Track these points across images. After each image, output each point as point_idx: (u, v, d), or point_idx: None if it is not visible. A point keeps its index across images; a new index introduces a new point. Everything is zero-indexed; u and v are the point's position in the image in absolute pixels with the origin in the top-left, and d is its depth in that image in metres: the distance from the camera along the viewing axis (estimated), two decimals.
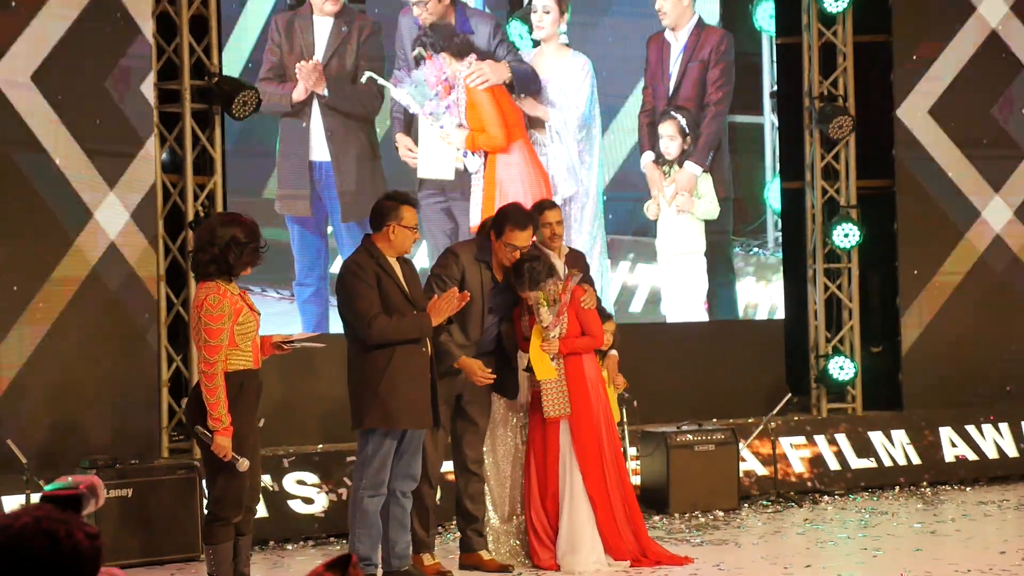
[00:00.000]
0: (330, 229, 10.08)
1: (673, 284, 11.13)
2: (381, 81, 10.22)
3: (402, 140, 10.30)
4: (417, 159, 10.31)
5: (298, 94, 9.98)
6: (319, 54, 10.04)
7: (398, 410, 7.08)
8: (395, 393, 7.06)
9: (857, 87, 11.54)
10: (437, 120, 10.37)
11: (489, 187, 10.42)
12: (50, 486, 4.87)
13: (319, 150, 10.06)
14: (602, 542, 7.76)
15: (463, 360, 7.49)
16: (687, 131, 11.11)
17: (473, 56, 10.39)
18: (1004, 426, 11.14)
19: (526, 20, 10.70)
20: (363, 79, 10.16)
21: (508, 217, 7.69)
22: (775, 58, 11.57)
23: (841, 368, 11.28)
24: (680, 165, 11.12)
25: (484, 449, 7.88)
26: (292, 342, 6.94)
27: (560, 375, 7.72)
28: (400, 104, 10.29)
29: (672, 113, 11.10)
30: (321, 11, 10.09)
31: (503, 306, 7.75)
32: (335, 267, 9.47)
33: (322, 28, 10.10)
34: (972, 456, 10.97)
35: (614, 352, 8.43)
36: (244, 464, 6.54)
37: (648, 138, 11.10)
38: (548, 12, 10.70)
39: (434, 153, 10.37)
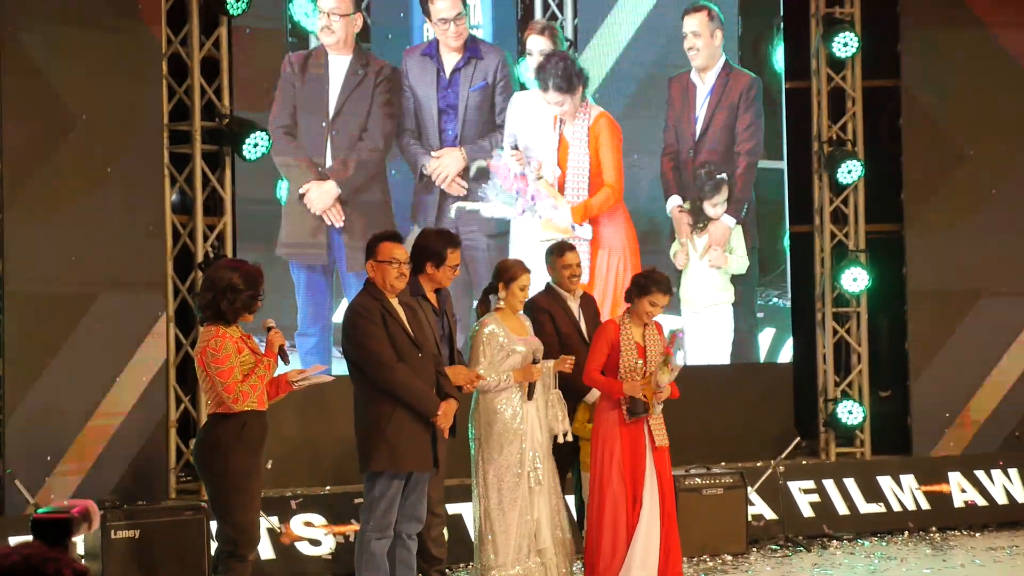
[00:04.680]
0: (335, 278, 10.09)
1: (698, 334, 11.13)
2: (469, 207, 10.40)
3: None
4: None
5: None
6: (333, 95, 10.07)
7: (405, 453, 7.06)
8: (401, 436, 7.05)
9: (866, 132, 11.56)
10: (534, 214, 10.55)
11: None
12: (42, 510, 4.88)
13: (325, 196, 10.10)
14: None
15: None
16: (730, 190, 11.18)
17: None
18: (1013, 471, 11.11)
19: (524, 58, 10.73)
20: (451, 214, 10.37)
21: (429, 242, 7.69)
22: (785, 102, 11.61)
23: (850, 412, 11.26)
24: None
25: (492, 496, 7.79)
26: (301, 379, 6.93)
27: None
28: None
29: (717, 176, 11.11)
30: (339, 51, 10.14)
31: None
32: (338, 316, 9.46)
33: (337, 69, 10.14)
34: (981, 501, 10.93)
35: None
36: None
37: (673, 182, 11.10)
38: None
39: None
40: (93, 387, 9.16)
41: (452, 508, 9.27)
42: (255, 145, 9.53)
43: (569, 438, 7.97)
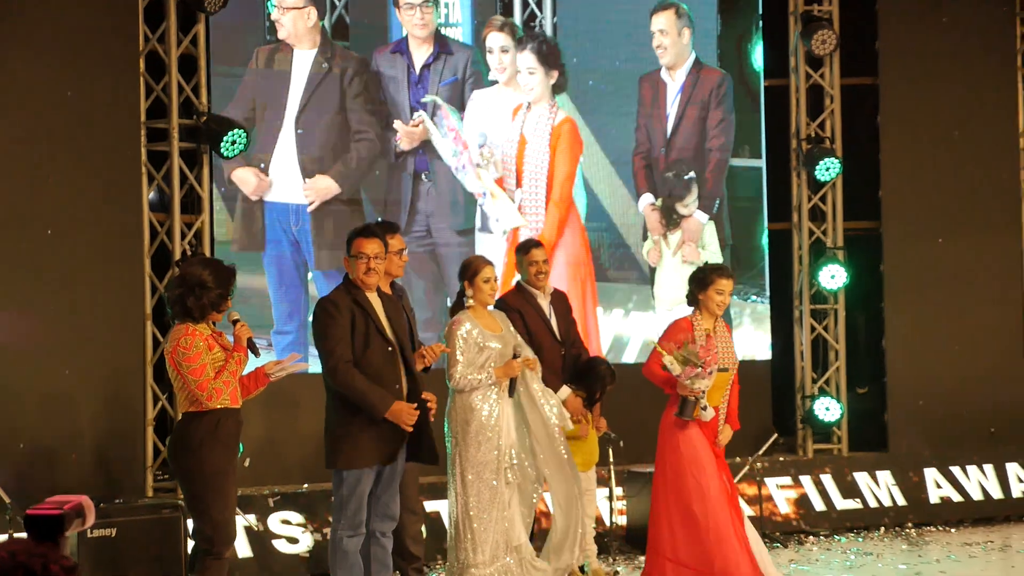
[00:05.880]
0: (310, 275, 10.10)
1: None
2: (430, 126, 10.31)
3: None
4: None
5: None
6: (296, 89, 10.07)
7: (369, 448, 7.06)
8: (367, 433, 7.04)
9: (844, 129, 11.61)
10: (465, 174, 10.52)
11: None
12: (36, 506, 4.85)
13: (292, 192, 10.10)
14: None
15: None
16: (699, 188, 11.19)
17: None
18: (988, 468, 11.17)
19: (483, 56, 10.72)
20: (426, 100, 10.26)
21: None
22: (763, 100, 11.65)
23: (827, 409, 11.31)
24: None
25: (471, 494, 7.81)
26: (278, 371, 6.93)
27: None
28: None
29: (685, 178, 11.13)
30: (299, 44, 10.14)
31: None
32: None
33: (301, 62, 10.13)
34: (957, 497, 10.99)
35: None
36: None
37: (645, 180, 11.13)
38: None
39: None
40: (70, 385, 9.16)
41: (430, 506, 9.31)
42: (233, 143, 9.53)
43: (568, 426, 7.98)
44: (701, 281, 7.93)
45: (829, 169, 11.30)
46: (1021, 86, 12.01)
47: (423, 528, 8.15)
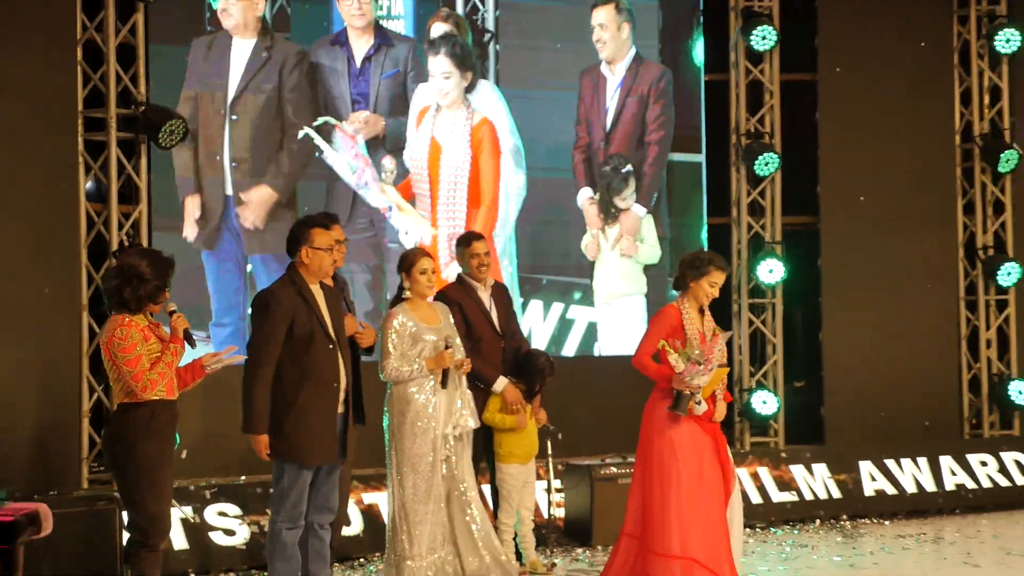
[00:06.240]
0: (249, 267, 10.05)
1: (610, 325, 11.18)
2: (319, 142, 10.24)
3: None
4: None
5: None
6: (234, 77, 10.02)
7: (306, 445, 7.05)
8: (301, 428, 7.03)
9: (783, 124, 11.69)
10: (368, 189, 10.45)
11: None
12: None
13: (229, 182, 10.07)
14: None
15: None
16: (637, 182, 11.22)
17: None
18: (923, 461, 11.29)
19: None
20: (300, 135, 10.18)
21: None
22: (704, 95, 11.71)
23: (764, 402, 11.39)
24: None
25: (407, 487, 7.80)
26: (215, 362, 6.90)
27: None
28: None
29: (623, 171, 11.16)
30: (241, 34, 10.09)
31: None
32: None
33: (240, 51, 10.08)
34: (891, 490, 11.09)
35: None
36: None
37: (584, 174, 11.15)
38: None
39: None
40: (4, 376, 9.09)
41: (368, 498, 9.30)
42: (171, 133, 9.47)
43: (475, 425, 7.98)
44: (697, 268, 7.65)
45: (768, 164, 11.39)
46: (958, 83, 12.14)
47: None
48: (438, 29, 10.70)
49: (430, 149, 10.60)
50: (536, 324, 10.95)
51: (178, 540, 8.73)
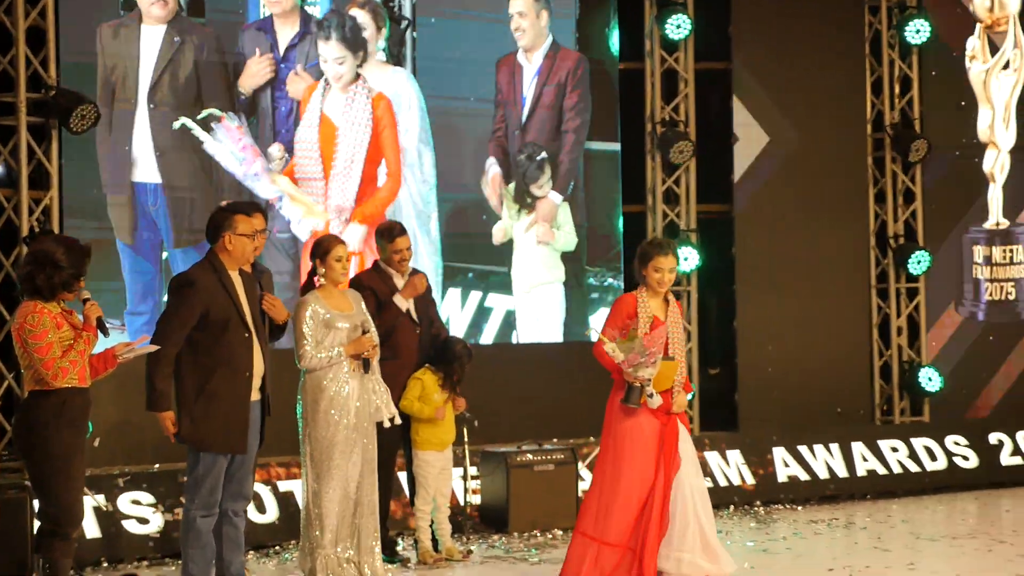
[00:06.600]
0: (165, 255, 9.94)
1: (529, 313, 11.19)
2: (198, 133, 10.04)
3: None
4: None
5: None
6: (146, 65, 9.89)
7: (218, 434, 7.01)
8: (212, 415, 6.99)
9: (698, 113, 11.76)
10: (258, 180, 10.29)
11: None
12: None
13: (147, 171, 9.92)
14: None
15: None
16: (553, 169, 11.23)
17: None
18: (835, 447, 11.42)
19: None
20: (176, 125, 9.98)
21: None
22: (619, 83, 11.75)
23: None
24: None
25: (320, 474, 7.74)
26: (127, 352, 6.82)
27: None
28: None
29: (538, 158, 11.16)
30: (150, 18, 9.96)
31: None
32: None
33: (151, 37, 9.96)
34: (804, 476, 11.21)
35: None
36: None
37: (500, 165, 11.14)
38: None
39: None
40: None
41: (283, 485, 9.25)
42: (82, 118, 9.35)
43: (397, 421, 7.94)
44: (642, 256, 7.56)
45: (683, 152, 11.46)
46: (869, 73, 12.30)
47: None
48: (355, 16, 10.61)
49: (320, 127, 10.48)
50: (454, 312, 10.93)
51: (91, 529, 8.63)
